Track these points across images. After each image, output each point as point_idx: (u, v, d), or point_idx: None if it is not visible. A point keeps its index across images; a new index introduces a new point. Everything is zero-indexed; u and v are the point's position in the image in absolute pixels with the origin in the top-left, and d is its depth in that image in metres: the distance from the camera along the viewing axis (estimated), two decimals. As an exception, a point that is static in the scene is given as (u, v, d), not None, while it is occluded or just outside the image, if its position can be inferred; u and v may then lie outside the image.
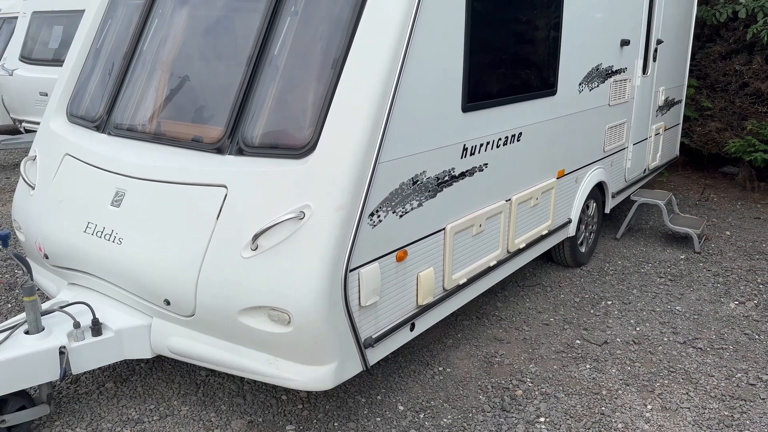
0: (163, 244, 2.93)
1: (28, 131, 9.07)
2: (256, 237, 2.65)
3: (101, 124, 3.64)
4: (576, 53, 4.34)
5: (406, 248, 3.07)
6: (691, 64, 7.43)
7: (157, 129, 3.39)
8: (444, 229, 3.33)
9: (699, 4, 7.24)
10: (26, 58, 8.97)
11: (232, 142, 3.03)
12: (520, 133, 3.85)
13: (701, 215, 6.66)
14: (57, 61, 8.54)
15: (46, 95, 8.59)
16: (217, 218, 2.82)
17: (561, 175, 4.51)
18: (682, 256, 5.52)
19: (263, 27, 3.12)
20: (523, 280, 4.96)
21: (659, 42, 5.88)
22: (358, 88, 2.73)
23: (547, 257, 5.23)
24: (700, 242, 5.67)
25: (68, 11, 8.63)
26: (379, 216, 2.84)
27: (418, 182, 3.07)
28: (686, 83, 7.13)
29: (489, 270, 3.82)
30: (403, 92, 2.82)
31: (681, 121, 7.23)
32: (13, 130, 9.46)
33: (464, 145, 3.34)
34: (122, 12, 3.92)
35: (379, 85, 2.70)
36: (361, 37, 2.79)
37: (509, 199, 3.90)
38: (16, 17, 9.45)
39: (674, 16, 6.23)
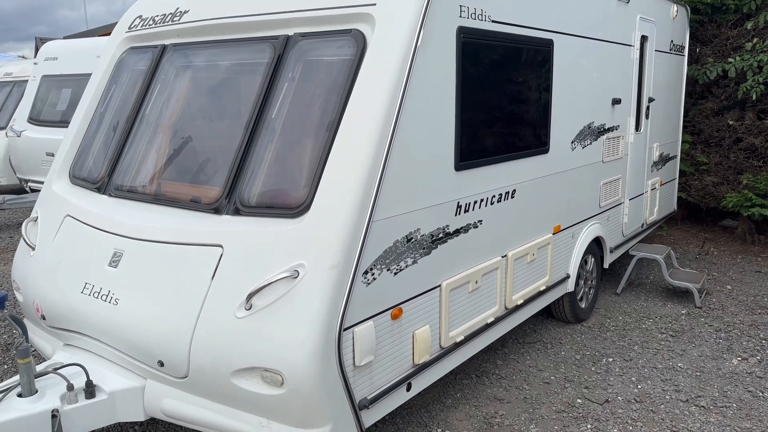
0: (158, 305, 2.94)
1: (33, 191, 9.20)
2: (250, 296, 2.67)
3: (102, 186, 3.71)
4: (567, 112, 4.45)
5: (401, 306, 3.07)
6: (684, 120, 7.57)
7: (156, 190, 3.46)
8: (440, 285, 3.34)
9: (689, 63, 7.45)
10: (34, 119, 9.20)
11: (229, 202, 3.08)
12: (514, 190, 3.91)
13: (701, 269, 6.64)
14: (64, 122, 8.75)
15: (53, 155, 8.76)
16: (213, 278, 2.84)
17: (557, 231, 4.54)
18: (683, 311, 5.48)
19: (262, 91, 3.23)
20: (523, 337, 4.91)
21: (651, 100, 6.03)
22: (351, 149, 2.80)
23: (548, 313, 5.20)
24: (701, 297, 5.64)
25: (77, 75, 8.91)
26: (373, 274, 2.86)
27: (413, 240, 3.10)
28: (680, 139, 7.25)
29: (487, 327, 3.80)
30: (396, 153, 2.89)
31: (677, 176, 7.31)
32: (19, 190, 9.61)
33: (458, 202, 3.39)
34: (127, 77, 4.06)
35: (372, 146, 2.77)
36: (355, 101, 2.89)
37: (505, 255, 3.92)
38: (26, 81, 9.75)
39: (665, 74, 6.40)
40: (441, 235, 3.30)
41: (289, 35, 3.28)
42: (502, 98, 3.68)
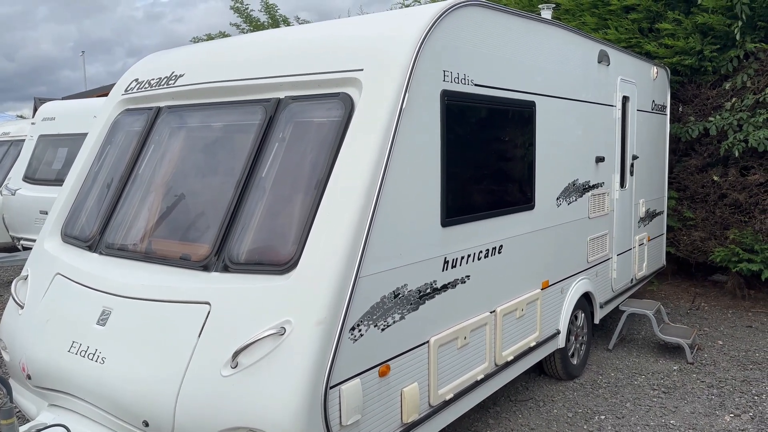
0: (144, 363, 2.93)
1: (25, 249, 9.20)
2: (236, 354, 2.67)
3: (93, 244, 3.75)
4: (551, 170, 4.56)
5: (388, 363, 3.07)
6: (670, 177, 7.73)
7: (147, 248, 3.50)
8: (428, 342, 3.35)
9: (672, 121, 7.67)
10: (30, 178, 9.29)
11: (218, 259, 3.12)
12: (501, 246, 3.97)
13: (692, 324, 6.65)
14: (59, 180, 8.84)
15: (46, 213, 8.81)
16: (199, 336, 2.85)
17: (545, 286, 4.58)
18: (675, 367, 5.46)
19: (253, 151, 3.32)
20: (515, 394, 4.87)
21: (635, 157, 6.18)
22: (338, 206, 2.87)
23: (540, 369, 5.17)
24: (692, 352, 5.63)
25: (73, 134, 9.07)
26: (360, 330, 2.88)
27: (400, 295, 3.13)
28: (666, 195, 7.39)
29: (477, 384, 3.78)
30: (383, 209, 2.96)
31: (665, 231, 7.41)
32: (11, 248, 9.60)
33: (445, 258, 3.44)
34: (122, 137, 4.16)
35: (358, 203, 2.84)
36: (343, 160, 2.98)
37: (494, 311, 3.94)
38: (23, 140, 9.90)
39: (648, 133, 6.59)
40: (428, 291, 3.33)
41: (280, 98, 3.40)
42: (486, 156, 3.79)
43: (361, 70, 3.14)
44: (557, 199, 4.67)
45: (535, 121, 4.29)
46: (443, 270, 3.44)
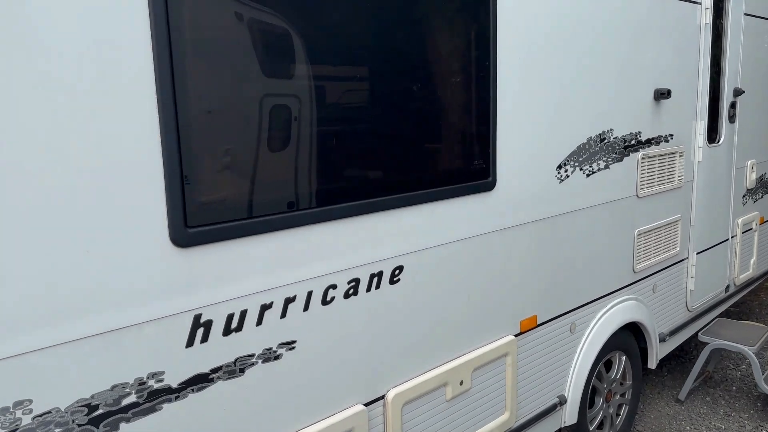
0: None
1: None
2: None
3: None
4: (541, 112, 2.42)
5: None
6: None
7: None
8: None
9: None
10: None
11: None
12: (400, 267, 1.96)
13: (830, 358, 4.23)
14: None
15: None
16: None
17: (528, 328, 2.51)
18: (790, 451, 3.21)
19: None
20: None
21: (738, 93, 3.78)
22: None
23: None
24: (825, 422, 3.33)
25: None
26: None
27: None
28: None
29: None
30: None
31: (791, 208, 4.89)
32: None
33: (196, 315, 1.51)
34: None
35: None
36: None
37: (381, 397, 1.97)
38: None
39: (764, 53, 4.11)
40: (149, 397, 1.45)
41: None
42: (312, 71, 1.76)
43: None
44: (560, 167, 2.53)
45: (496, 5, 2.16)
46: (192, 343, 1.52)
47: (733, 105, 3.78)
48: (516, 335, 2.44)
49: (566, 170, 2.56)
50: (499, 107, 2.20)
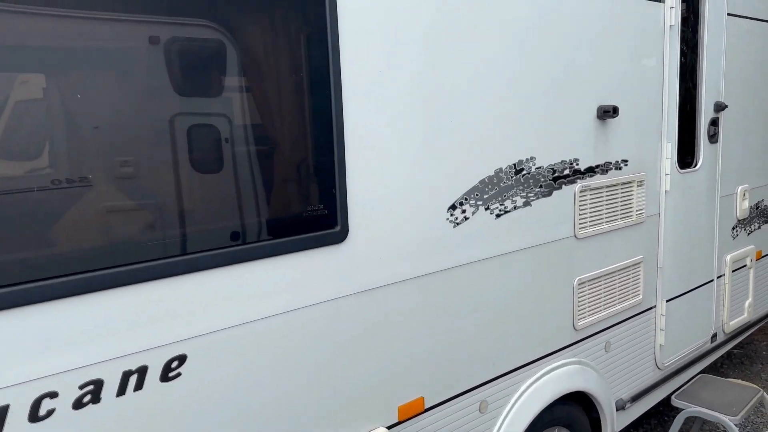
0: None
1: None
2: None
3: None
4: (418, 132, 1.88)
5: None
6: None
7: None
8: None
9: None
10: None
11: None
12: (180, 358, 1.44)
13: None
14: None
15: None
16: None
17: (413, 414, 1.96)
18: None
19: None
20: None
21: (720, 108, 3.18)
22: None
23: None
24: None
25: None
26: None
27: None
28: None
29: None
30: None
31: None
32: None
33: None
34: None
35: None
36: None
37: None
38: None
39: (751, 59, 3.50)
40: None
41: None
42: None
43: None
44: (454, 207, 1.98)
45: None
46: None
47: (714, 122, 3.18)
48: (390, 427, 1.89)
49: (463, 211, 2.01)
50: (347, 129, 1.68)
